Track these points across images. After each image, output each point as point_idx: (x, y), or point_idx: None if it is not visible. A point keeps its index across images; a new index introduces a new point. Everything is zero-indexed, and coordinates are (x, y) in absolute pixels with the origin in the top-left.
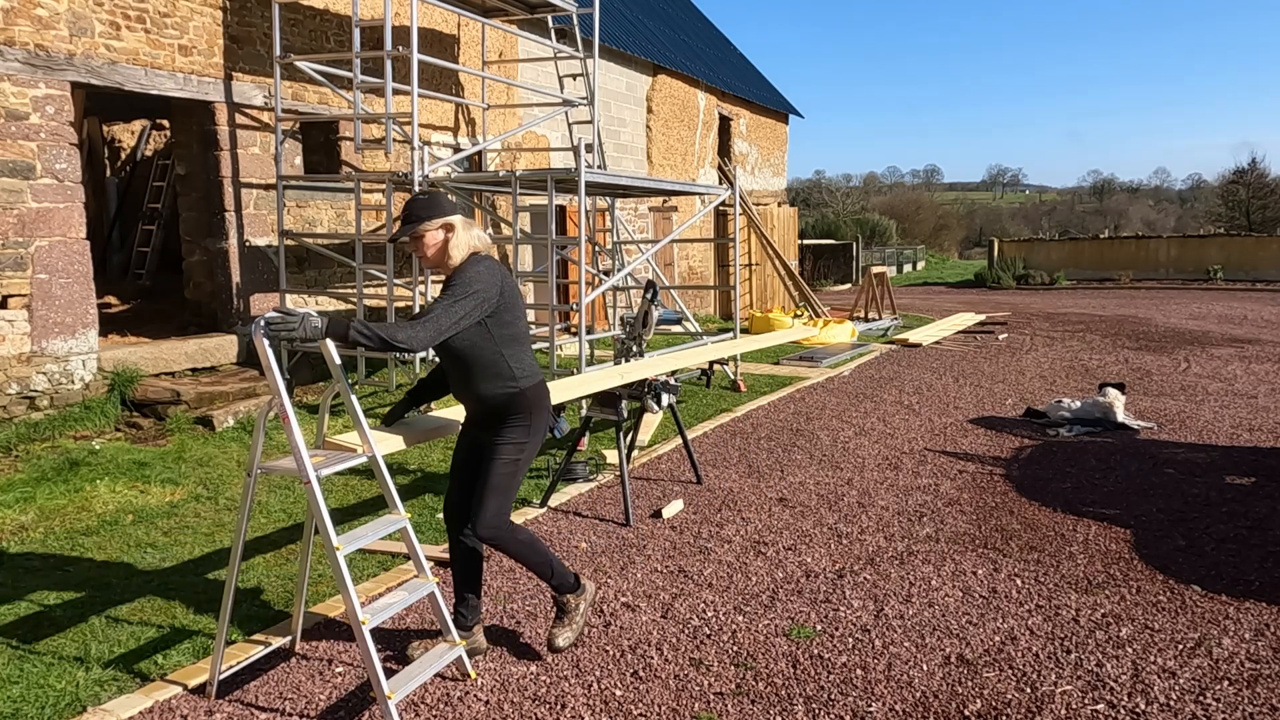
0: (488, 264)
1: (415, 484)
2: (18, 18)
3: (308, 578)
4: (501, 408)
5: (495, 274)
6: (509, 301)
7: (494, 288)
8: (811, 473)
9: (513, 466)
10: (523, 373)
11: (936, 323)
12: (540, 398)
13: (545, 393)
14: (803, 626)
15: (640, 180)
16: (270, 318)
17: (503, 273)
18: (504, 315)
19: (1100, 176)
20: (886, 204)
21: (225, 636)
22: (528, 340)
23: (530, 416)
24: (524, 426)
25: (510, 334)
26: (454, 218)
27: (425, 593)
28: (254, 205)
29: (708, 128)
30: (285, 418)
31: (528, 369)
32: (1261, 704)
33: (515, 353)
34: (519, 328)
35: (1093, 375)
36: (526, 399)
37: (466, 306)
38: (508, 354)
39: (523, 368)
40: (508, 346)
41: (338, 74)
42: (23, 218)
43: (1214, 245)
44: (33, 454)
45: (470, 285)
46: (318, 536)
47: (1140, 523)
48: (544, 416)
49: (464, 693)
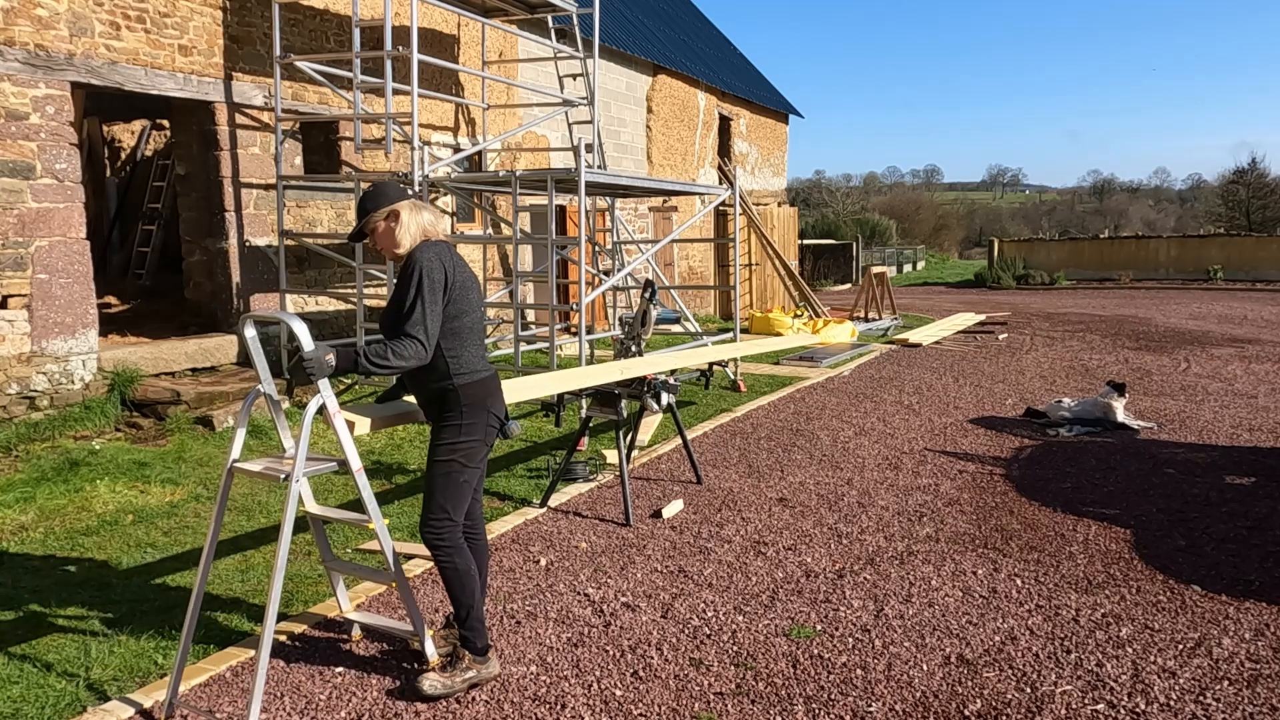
0: (436, 249)
1: (415, 484)
2: (18, 18)
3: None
4: (435, 404)
5: (443, 260)
6: (456, 293)
7: (440, 273)
8: (811, 473)
9: (445, 468)
10: (459, 369)
11: (936, 323)
12: (477, 397)
13: (487, 392)
14: (803, 626)
15: (640, 180)
16: (306, 363)
17: (453, 260)
18: (449, 307)
19: (1100, 176)
20: (886, 204)
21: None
22: (475, 334)
23: (462, 416)
24: (455, 425)
25: (452, 327)
26: (401, 204)
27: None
28: (254, 205)
29: (708, 128)
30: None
31: (466, 365)
32: (1261, 704)
33: (454, 346)
34: (463, 321)
35: (1093, 375)
36: (458, 397)
37: (435, 296)
38: (446, 348)
39: (460, 364)
40: (447, 340)
41: (338, 74)
42: (23, 218)
43: (1214, 245)
44: (33, 454)
45: (426, 276)
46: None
47: (1140, 523)
48: (481, 416)
49: (464, 692)
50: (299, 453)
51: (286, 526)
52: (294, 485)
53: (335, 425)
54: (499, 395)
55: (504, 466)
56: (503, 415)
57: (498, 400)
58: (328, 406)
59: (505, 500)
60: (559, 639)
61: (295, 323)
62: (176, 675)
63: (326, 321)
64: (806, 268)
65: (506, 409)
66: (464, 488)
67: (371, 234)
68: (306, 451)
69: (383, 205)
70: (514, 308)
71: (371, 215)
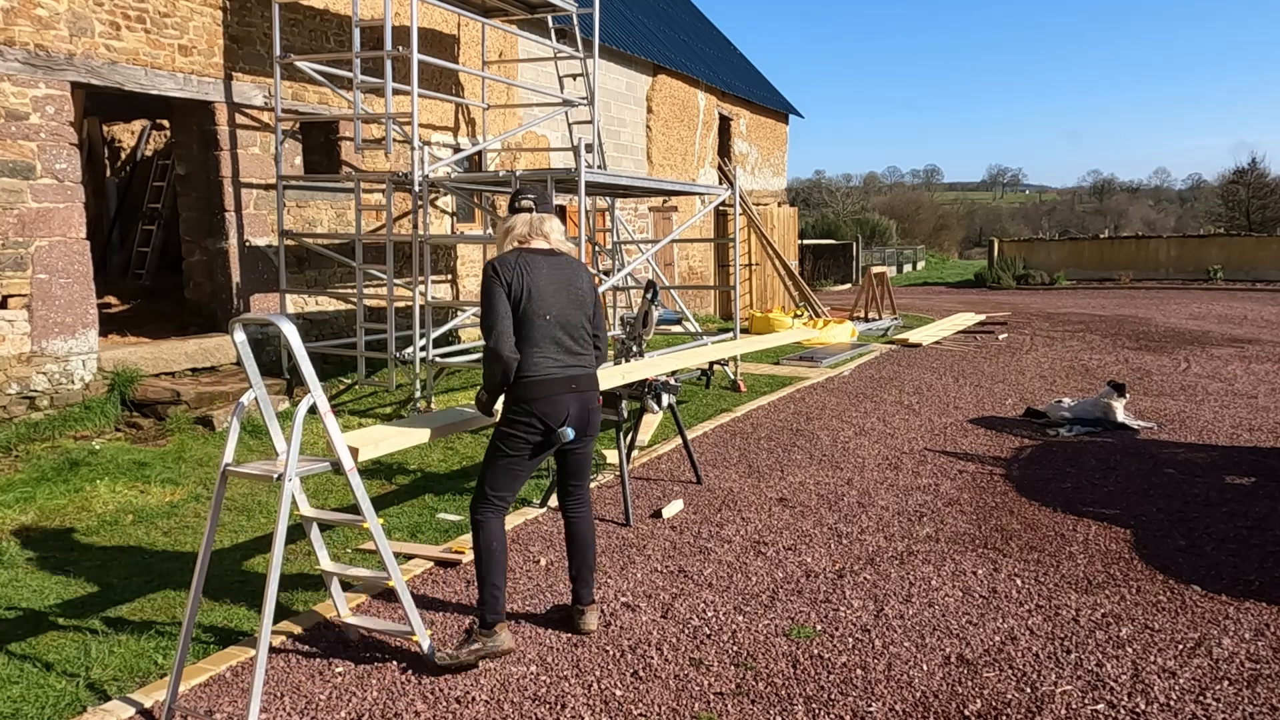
0: (500, 259)
1: (415, 484)
2: (18, 18)
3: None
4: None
5: (499, 269)
6: (524, 300)
7: (490, 281)
8: (811, 473)
9: (492, 450)
10: (520, 370)
11: (936, 323)
12: (524, 398)
13: (535, 395)
14: (803, 626)
15: (640, 180)
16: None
17: (517, 269)
18: (516, 312)
19: (1100, 176)
20: (886, 204)
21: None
22: (539, 342)
23: (508, 410)
24: (507, 416)
25: (521, 333)
26: (514, 217)
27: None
28: (254, 205)
29: (708, 128)
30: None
31: (525, 366)
32: (1261, 704)
33: (522, 348)
34: (525, 331)
35: (1093, 375)
36: (510, 394)
37: (489, 301)
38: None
39: (523, 366)
40: (519, 341)
41: (338, 74)
42: (23, 218)
43: (1214, 245)
44: (33, 454)
45: (482, 286)
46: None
47: (1140, 523)
48: (524, 417)
49: (464, 692)
50: (291, 453)
51: (280, 527)
52: (287, 485)
53: (327, 424)
54: (552, 400)
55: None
56: (552, 420)
57: (547, 403)
58: (319, 406)
59: None
60: (559, 639)
61: (286, 325)
62: (176, 675)
63: (326, 321)
64: (806, 268)
65: (562, 414)
66: (504, 472)
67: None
68: (299, 452)
69: (510, 213)
70: None
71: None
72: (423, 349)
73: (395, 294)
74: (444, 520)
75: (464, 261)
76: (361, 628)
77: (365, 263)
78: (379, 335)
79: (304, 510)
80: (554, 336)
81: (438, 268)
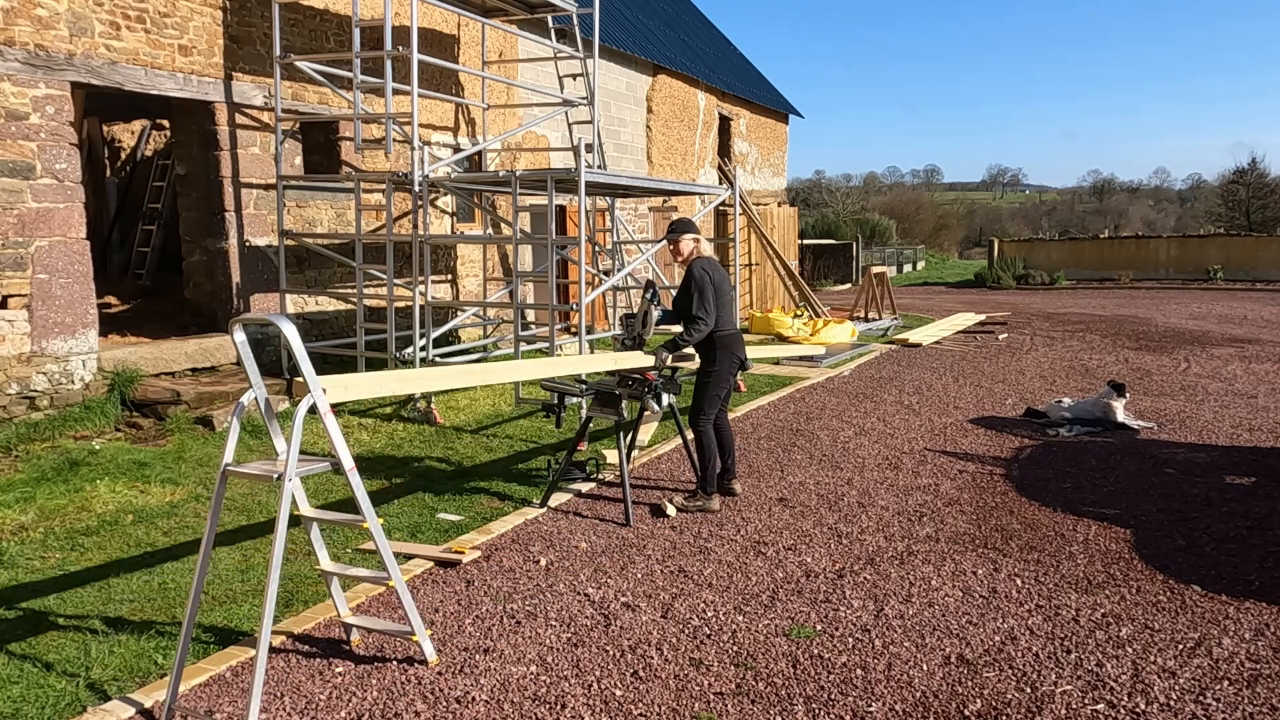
0: (702, 262)
1: (413, 483)
2: (18, 18)
3: (274, 598)
4: (704, 347)
5: (706, 270)
6: (717, 288)
7: (705, 278)
8: (811, 473)
9: (705, 383)
10: (718, 329)
11: (936, 323)
12: (726, 344)
13: (732, 342)
14: (803, 626)
15: (640, 180)
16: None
17: (713, 268)
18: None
19: (1100, 176)
20: (886, 204)
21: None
22: (726, 310)
23: (716, 353)
24: (712, 358)
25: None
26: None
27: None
28: (254, 205)
29: (708, 128)
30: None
31: (721, 326)
32: (1261, 704)
33: (720, 315)
34: (720, 302)
35: (1093, 375)
36: (714, 343)
37: (705, 292)
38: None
39: (719, 326)
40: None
41: (338, 74)
42: (23, 218)
43: (1214, 245)
44: (33, 454)
45: (698, 282)
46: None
47: (1140, 523)
48: (728, 355)
49: (464, 692)
50: (291, 453)
51: (281, 526)
52: (286, 485)
53: (327, 424)
54: (740, 344)
55: (504, 467)
56: (742, 356)
57: (740, 347)
58: (319, 406)
59: (505, 500)
60: (559, 639)
61: (286, 325)
62: (176, 675)
63: (326, 321)
64: (806, 268)
65: (745, 352)
66: (715, 399)
67: (672, 244)
68: (299, 452)
69: (678, 231)
70: (514, 307)
71: (677, 235)
72: (422, 349)
73: (395, 294)
74: (444, 520)
75: (464, 261)
76: (361, 628)
77: (365, 263)
78: (379, 335)
79: (304, 510)
80: (730, 309)
81: (437, 268)
